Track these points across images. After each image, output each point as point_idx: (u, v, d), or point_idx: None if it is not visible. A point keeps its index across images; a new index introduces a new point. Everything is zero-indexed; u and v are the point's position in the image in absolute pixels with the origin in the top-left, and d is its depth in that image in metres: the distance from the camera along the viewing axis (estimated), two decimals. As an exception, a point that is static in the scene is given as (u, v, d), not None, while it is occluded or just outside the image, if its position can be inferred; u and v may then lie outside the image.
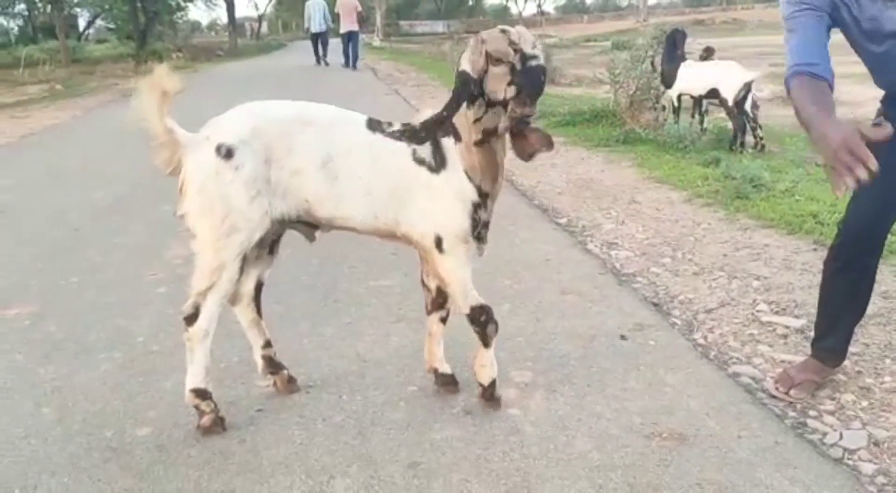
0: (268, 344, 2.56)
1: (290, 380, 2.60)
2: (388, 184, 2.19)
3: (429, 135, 2.16)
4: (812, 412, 2.46)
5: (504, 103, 2.08)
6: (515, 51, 2.03)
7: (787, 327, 3.09)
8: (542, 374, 2.71)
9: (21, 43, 33.47)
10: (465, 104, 2.11)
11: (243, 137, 2.13)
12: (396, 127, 2.23)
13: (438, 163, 2.18)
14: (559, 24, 57.42)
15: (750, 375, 2.71)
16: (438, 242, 2.21)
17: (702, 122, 7.53)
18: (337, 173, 2.16)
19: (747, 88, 6.83)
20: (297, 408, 2.50)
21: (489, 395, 2.45)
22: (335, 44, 19.28)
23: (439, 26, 54.22)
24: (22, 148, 8.53)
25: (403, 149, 2.19)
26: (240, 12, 46.49)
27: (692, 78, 7.15)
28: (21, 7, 38.26)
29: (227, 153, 2.11)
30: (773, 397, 2.54)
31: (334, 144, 2.17)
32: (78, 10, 38.19)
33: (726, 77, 6.91)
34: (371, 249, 3.78)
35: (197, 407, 2.32)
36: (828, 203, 4.72)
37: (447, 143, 2.19)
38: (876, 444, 2.28)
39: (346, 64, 17.97)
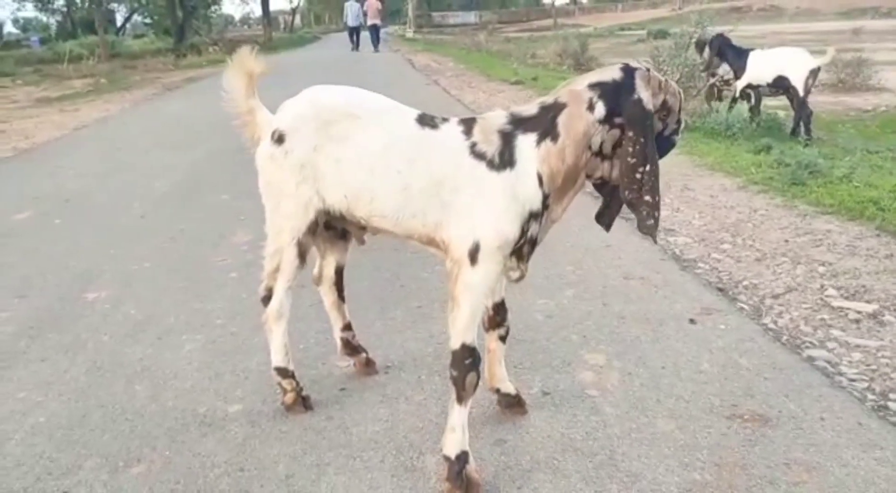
0: (347, 327, 2.63)
1: (369, 362, 2.67)
2: (432, 181, 1.99)
3: (544, 122, 1.97)
4: (892, 395, 2.46)
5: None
6: (679, 120, 2.02)
7: (858, 312, 3.08)
8: (615, 357, 2.74)
9: (60, 38, 34.13)
10: (599, 110, 1.92)
11: (295, 122, 2.14)
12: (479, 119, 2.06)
13: (504, 161, 1.94)
14: (593, 13, 56.89)
15: (825, 359, 2.72)
16: (473, 251, 1.93)
17: (758, 112, 7.44)
18: (373, 166, 2.05)
19: (814, 75, 6.72)
20: (378, 387, 2.56)
21: (455, 474, 1.98)
22: (364, 36, 25.13)
23: (471, 17, 54.10)
24: (77, 139, 8.75)
25: (460, 143, 1.99)
26: (273, 5, 46.83)
27: (758, 67, 7.06)
28: (60, 3, 39.01)
29: (279, 138, 2.14)
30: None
31: (375, 136, 2.07)
32: (116, 5, 38.85)
33: (794, 64, 6.81)
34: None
35: (279, 385, 2.40)
36: (887, 189, 4.67)
37: (524, 141, 1.96)
38: (961, 427, 2.27)
39: (375, 49, 24.04)
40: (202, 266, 3.89)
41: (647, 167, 1.89)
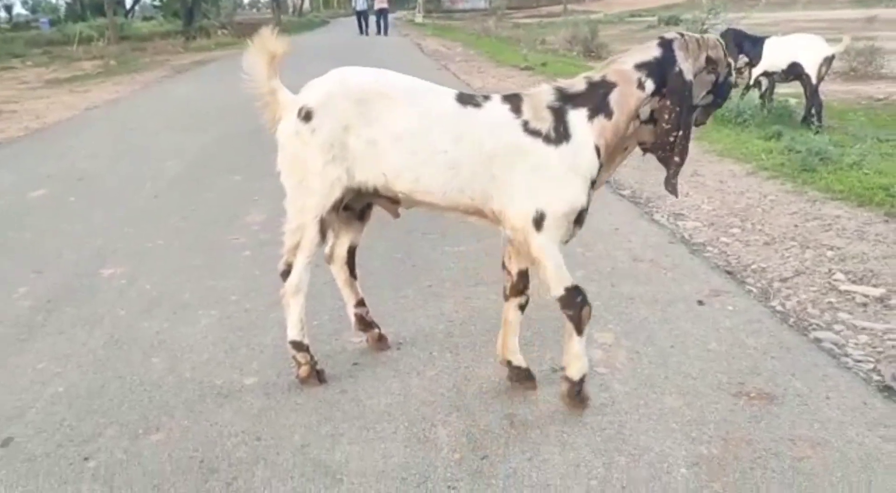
0: (360, 303, 2.66)
1: (381, 338, 2.71)
2: (481, 157, 2.08)
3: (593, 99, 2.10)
4: (899, 376, 2.49)
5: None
6: (727, 64, 2.13)
7: (866, 295, 3.11)
8: (624, 336, 2.78)
9: (70, 20, 34.13)
10: (649, 87, 2.08)
11: (324, 100, 2.16)
12: (536, 92, 2.16)
13: (560, 135, 2.06)
14: (602, -1, 56.43)
15: (832, 341, 2.75)
16: (538, 220, 2.07)
17: (771, 98, 7.41)
18: (416, 147, 2.11)
19: (828, 63, 6.69)
20: (391, 363, 2.60)
21: (576, 392, 2.26)
22: (373, 20, 25.08)
23: (481, 2, 53.78)
24: (88, 120, 8.80)
25: (511, 120, 2.09)
26: (282, -11, 46.61)
27: (774, 54, 7.03)
28: (70, -16, 38.95)
29: (306, 116, 2.16)
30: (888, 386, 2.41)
31: (413, 117, 2.12)
32: (125, -13, 38.73)
33: (808, 51, 6.77)
34: (442, 217, 3.87)
35: (294, 358, 2.45)
36: (898, 176, 4.68)
37: (576, 116, 2.08)
38: (964, 408, 2.30)
39: (379, 32, 24.28)
40: (215, 245, 3.93)
41: (680, 132, 2.08)
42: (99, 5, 31.91)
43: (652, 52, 2.10)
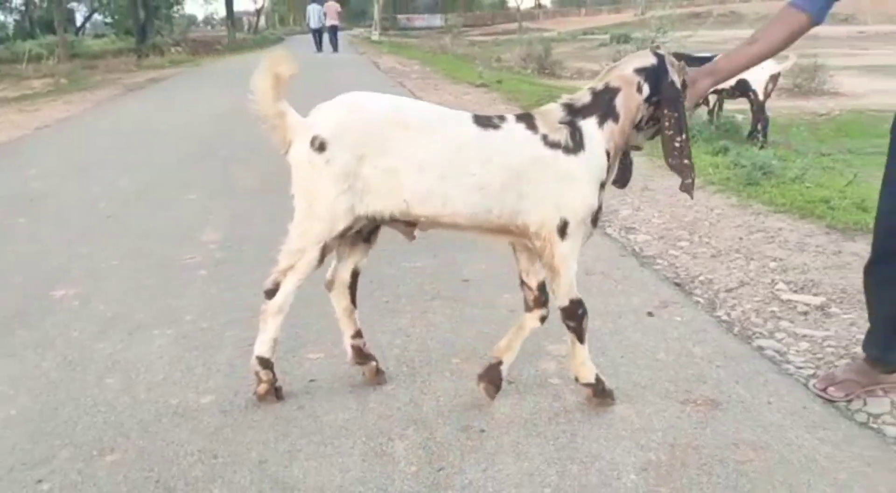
0: (358, 334, 2.58)
1: (379, 372, 2.61)
2: (508, 176, 2.15)
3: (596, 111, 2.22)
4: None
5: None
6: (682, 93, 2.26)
7: (807, 304, 3.24)
8: (576, 347, 2.85)
9: (18, 38, 33.45)
10: (645, 91, 2.22)
11: (338, 131, 2.14)
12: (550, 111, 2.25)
13: (577, 144, 2.17)
14: (556, 17, 57.48)
15: (774, 348, 2.86)
16: (563, 227, 2.18)
17: (719, 115, 7.64)
18: (444, 173, 2.14)
19: (774, 80, 6.92)
20: (347, 378, 2.63)
21: (599, 390, 2.39)
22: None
23: (437, 20, 54.25)
24: (39, 139, 8.65)
25: (530, 137, 2.18)
26: (237, 6, 46.47)
27: None
28: (18, 1, 38.21)
29: (320, 146, 2.14)
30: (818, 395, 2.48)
31: (437, 143, 2.15)
32: (75, 4, 38.19)
33: (755, 69, 7.01)
34: (396, 233, 3.91)
35: (256, 374, 2.42)
36: (837, 189, 4.88)
37: (587, 125, 2.20)
38: (899, 409, 2.42)
39: (335, 49, 24.99)
40: (171, 264, 3.92)
41: (683, 136, 2.22)
42: (49, 23, 31.42)
43: (649, 58, 2.25)
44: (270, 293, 2.34)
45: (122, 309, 3.30)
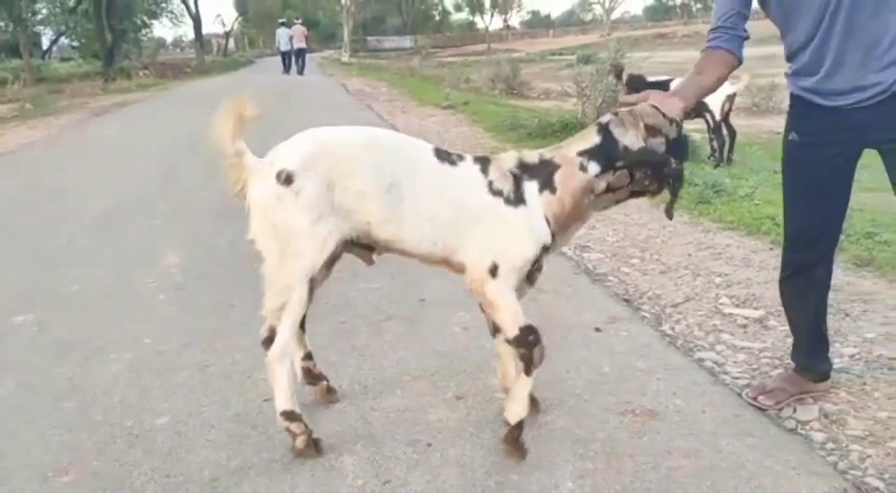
0: (308, 356, 2.65)
1: (330, 390, 2.69)
2: (455, 213, 2.21)
3: (543, 175, 2.25)
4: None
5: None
6: (670, 122, 2.25)
7: (746, 317, 3.38)
8: (524, 363, 2.95)
9: (-18, 62, 33.09)
10: (593, 169, 2.21)
11: (304, 162, 2.16)
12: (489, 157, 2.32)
13: (518, 198, 2.21)
14: (525, 38, 58.24)
15: (713, 360, 2.99)
16: (493, 269, 2.19)
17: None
18: (404, 197, 2.18)
19: (731, 100, 7.11)
20: (300, 397, 2.68)
21: (513, 438, 2.29)
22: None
23: (406, 41, 54.70)
24: (1, 165, 8.61)
25: (479, 180, 2.23)
26: (206, 29, 46.46)
27: None
28: (-17, 25, 37.84)
29: (286, 179, 2.16)
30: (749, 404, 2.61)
31: (402, 167, 2.20)
32: (41, 27, 37.90)
33: None
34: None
35: (288, 430, 2.33)
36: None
37: (529, 186, 2.23)
38: (826, 416, 2.55)
39: (300, 72, 25.61)
40: (131, 288, 3.96)
41: (666, 169, 2.21)
42: (14, 47, 31.18)
43: (591, 139, 2.24)
44: (267, 342, 2.33)
45: (81, 334, 3.34)
